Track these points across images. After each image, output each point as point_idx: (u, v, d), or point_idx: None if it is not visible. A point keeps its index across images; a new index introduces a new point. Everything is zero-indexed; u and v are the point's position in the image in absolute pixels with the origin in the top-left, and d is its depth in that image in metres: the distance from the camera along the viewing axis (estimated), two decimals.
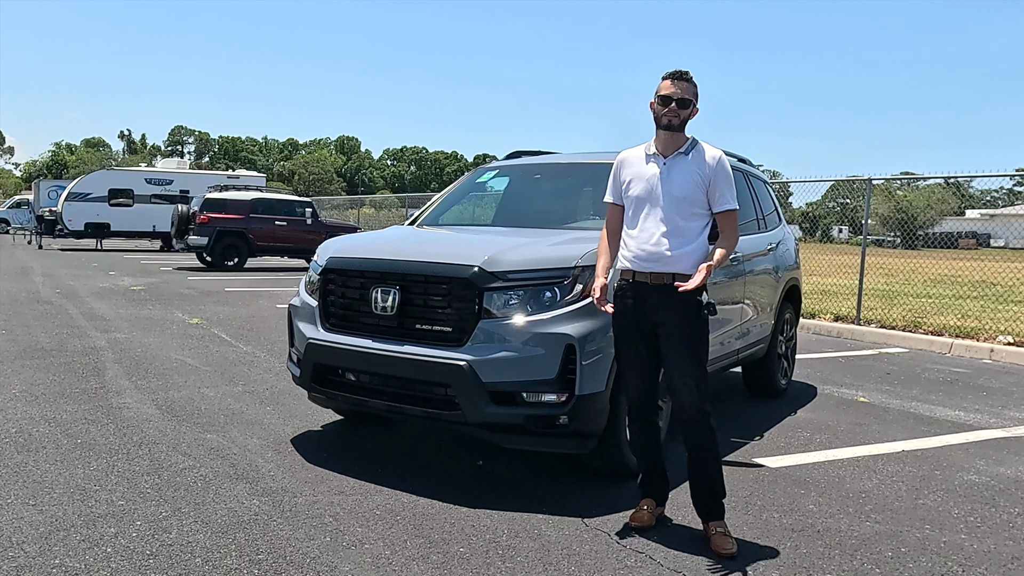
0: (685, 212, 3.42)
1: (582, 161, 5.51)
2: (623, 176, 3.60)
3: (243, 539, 3.28)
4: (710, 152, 3.48)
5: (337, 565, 3.08)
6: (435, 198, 5.83)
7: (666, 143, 3.49)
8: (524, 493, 3.95)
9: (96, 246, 26.83)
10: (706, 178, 3.43)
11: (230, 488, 3.86)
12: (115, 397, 5.60)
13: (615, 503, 3.80)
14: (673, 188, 3.42)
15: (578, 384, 3.75)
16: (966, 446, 5.19)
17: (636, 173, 3.54)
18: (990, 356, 9.17)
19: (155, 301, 11.59)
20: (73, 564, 3.00)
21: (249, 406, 5.47)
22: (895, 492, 4.19)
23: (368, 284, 4.12)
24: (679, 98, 3.41)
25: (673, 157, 3.48)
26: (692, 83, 3.46)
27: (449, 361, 3.80)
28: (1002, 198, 63.73)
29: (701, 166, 3.44)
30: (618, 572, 3.11)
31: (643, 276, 3.43)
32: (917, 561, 3.32)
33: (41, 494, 3.69)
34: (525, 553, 3.24)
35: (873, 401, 6.46)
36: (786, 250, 6.58)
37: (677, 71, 3.45)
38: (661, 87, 3.46)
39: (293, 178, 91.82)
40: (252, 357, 7.30)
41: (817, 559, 3.30)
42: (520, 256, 4.00)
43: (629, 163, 3.60)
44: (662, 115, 3.44)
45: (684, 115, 3.43)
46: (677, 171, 3.45)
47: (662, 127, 3.47)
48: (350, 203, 36.08)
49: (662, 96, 3.43)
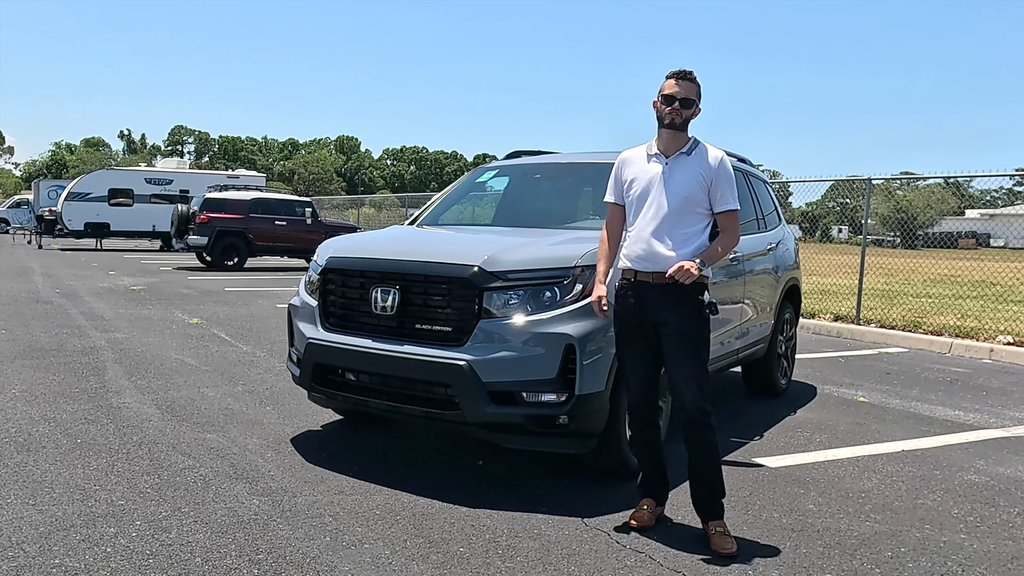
0: (687, 212, 3.42)
1: (582, 161, 5.51)
2: (625, 176, 3.60)
3: (243, 539, 3.28)
4: (712, 152, 3.49)
5: (337, 565, 3.08)
6: (435, 198, 5.83)
7: (668, 142, 3.49)
8: (524, 493, 3.95)
9: (96, 246, 26.83)
10: (708, 178, 3.43)
11: (230, 488, 3.86)
12: (115, 397, 5.60)
13: (615, 503, 3.80)
14: (675, 188, 3.43)
15: (578, 384, 3.74)
16: (966, 446, 5.19)
17: (638, 173, 3.54)
18: (990, 356, 9.17)
19: (155, 301, 11.59)
20: (73, 564, 3.00)
21: (249, 406, 5.47)
22: (895, 492, 4.19)
23: (368, 284, 4.11)
24: (682, 97, 3.42)
25: (675, 157, 3.48)
26: (696, 83, 3.47)
27: (449, 361, 3.79)
28: (1002, 198, 63.67)
29: (703, 166, 3.44)
30: (618, 572, 3.11)
31: (645, 276, 3.43)
32: (917, 561, 3.32)
33: (41, 494, 3.69)
34: (525, 553, 3.24)
35: (873, 401, 6.46)
36: (786, 250, 6.58)
37: (681, 70, 3.46)
38: (665, 86, 3.47)
39: (293, 178, 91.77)
40: (252, 357, 7.29)
41: (817, 559, 3.30)
42: (520, 256, 4.00)
43: (631, 163, 3.60)
44: (665, 114, 3.44)
45: (687, 114, 3.44)
46: (679, 171, 3.45)
47: (664, 126, 3.47)
48: (350, 203, 36.10)
49: (665, 95, 3.44)
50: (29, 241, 29.11)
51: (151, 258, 22.69)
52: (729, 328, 5.26)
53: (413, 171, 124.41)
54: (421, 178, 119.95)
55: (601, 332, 3.78)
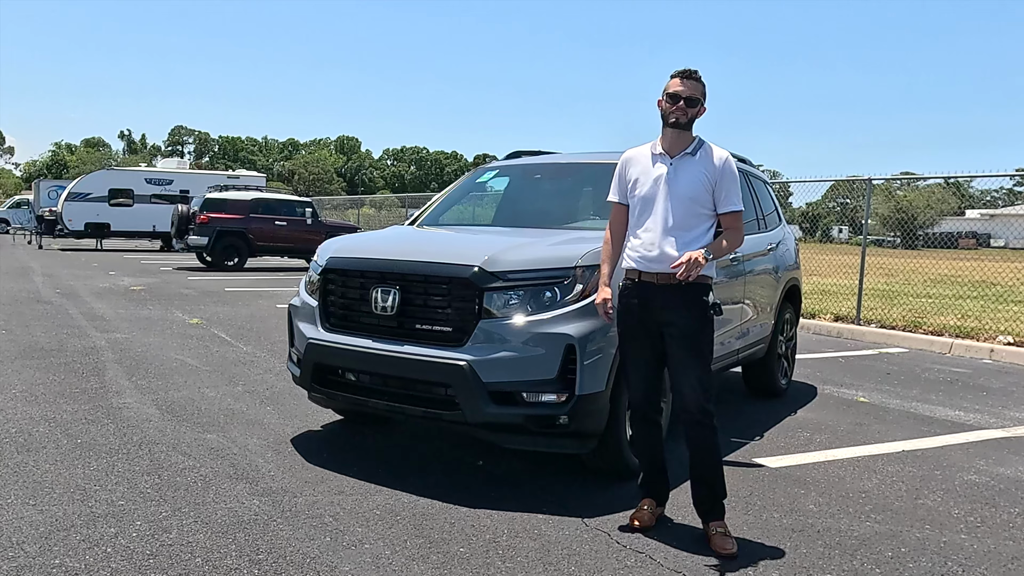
0: (691, 212, 3.42)
1: (582, 161, 5.51)
2: (629, 175, 3.59)
3: (243, 539, 3.28)
4: (717, 153, 3.49)
5: (337, 565, 3.08)
6: (435, 198, 5.83)
7: (672, 142, 3.49)
8: (524, 493, 3.95)
9: (96, 246, 26.84)
10: (712, 179, 3.43)
11: (230, 488, 3.87)
12: (115, 397, 5.60)
13: (615, 503, 3.80)
14: (680, 188, 3.42)
15: (578, 384, 3.74)
16: (966, 446, 5.19)
17: (642, 172, 3.53)
18: (990, 356, 9.17)
19: (155, 301, 11.59)
20: (73, 564, 3.00)
21: (249, 406, 5.47)
22: (895, 492, 4.19)
23: (368, 284, 4.11)
24: (687, 96, 3.41)
25: (680, 157, 3.47)
26: (701, 82, 3.47)
27: (449, 361, 3.80)
28: (1002, 198, 63.70)
29: (708, 167, 3.44)
30: (618, 572, 3.11)
31: (649, 276, 3.43)
32: (917, 561, 3.32)
33: (41, 494, 3.69)
34: (525, 553, 3.24)
35: (873, 401, 6.46)
36: (786, 250, 6.58)
37: (686, 69, 3.46)
38: (670, 85, 3.46)
39: (293, 178, 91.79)
40: (252, 357, 7.30)
41: (817, 559, 3.30)
42: (520, 256, 4.00)
43: (635, 162, 3.59)
44: (670, 113, 3.43)
45: (692, 113, 3.44)
46: (684, 171, 3.45)
47: (669, 125, 3.46)
48: (350, 203, 36.11)
49: (670, 94, 3.44)
50: (29, 241, 29.11)
51: (151, 258, 22.69)
52: (729, 328, 5.26)
53: (413, 171, 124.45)
54: (421, 178, 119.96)
55: (601, 332, 3.78)
